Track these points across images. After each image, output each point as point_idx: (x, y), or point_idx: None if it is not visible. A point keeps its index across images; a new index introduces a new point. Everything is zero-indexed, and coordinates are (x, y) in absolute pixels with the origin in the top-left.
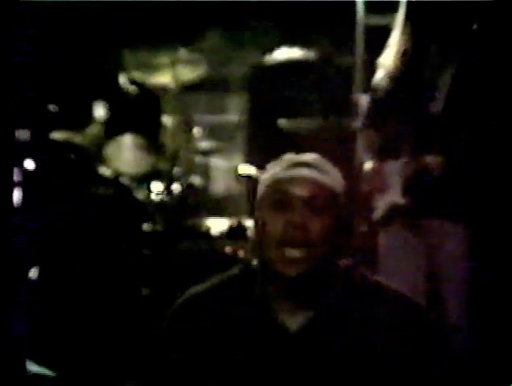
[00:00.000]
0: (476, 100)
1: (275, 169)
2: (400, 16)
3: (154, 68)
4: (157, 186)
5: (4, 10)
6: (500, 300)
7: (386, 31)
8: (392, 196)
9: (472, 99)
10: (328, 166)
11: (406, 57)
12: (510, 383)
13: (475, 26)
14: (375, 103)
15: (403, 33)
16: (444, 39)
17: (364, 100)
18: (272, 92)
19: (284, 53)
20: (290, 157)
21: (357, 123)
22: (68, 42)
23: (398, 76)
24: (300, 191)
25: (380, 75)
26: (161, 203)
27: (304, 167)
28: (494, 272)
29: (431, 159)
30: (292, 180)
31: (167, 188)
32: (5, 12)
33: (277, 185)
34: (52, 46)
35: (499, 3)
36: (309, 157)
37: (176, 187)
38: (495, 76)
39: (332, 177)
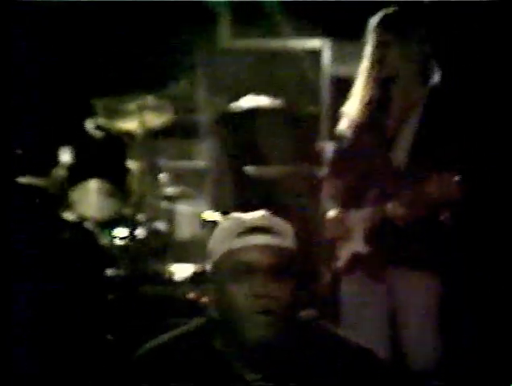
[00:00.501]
0: (438, 150)
1: (227, 235)
2: (364, 65)
3: (121, 114)
4: (121, 232)
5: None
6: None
7: (351, 80)
8: (355, 245)
9: (434, 148)
10: (279, 224)
11: (370, 106)
12: (510, 383)
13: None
14: (339, 151)
15: (367, 82)
16: (407, 89)
17: (329, 148)
18: (239, 139)
19: (251, 101)
20: (238, 218)
21: (322, 171)
22: (34, 85)
23: (362, 125)
24: (259, 261)
25: (344, 124)
26: (125, 248)
27: (258, 233)
28: (462, 318)
29: (394, 208)
30: (249, 250)
31: (132, 233)
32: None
33: (233, 255)
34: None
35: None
36: (259, 218)
37: (140, 233)
38: (455, 127)
39: (285, 235)
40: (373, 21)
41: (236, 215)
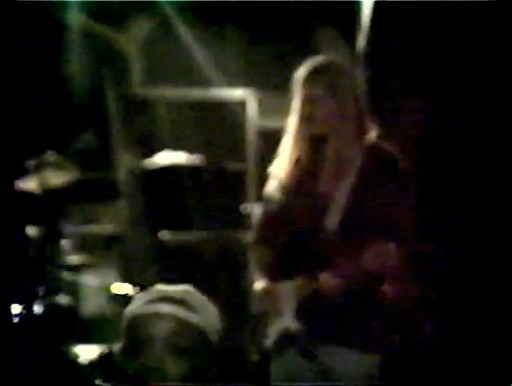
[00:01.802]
0: (370, 213)
1: (137, 303)
2: (292, 121)
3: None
4: (16, 308)
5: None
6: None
7: (280, 133)
8: (285, 320)
9: (367, 211)
10: (200, 300)
11: (299, 167)
12: (510, 383)
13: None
14: (267, 215)
15: (296, 140)
16: (340, 148)
17: (256, 210)
18: (153, 200)
19: (167, 157)
20: (159, 288)
21: (249, 236)
22: None
23: (291, 188)
24: (158, 330)
25: (272, 186)
26: (21, 326)
27: (168, 302)
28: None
29: (327, 279)
30: (150, 317)
31: (29, 309)
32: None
33: (135, 321)
34: None
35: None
36: (179, 290)
37: (39, 308)
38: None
39: (200, 312)
40: (300, 73)
41: (160, 286)
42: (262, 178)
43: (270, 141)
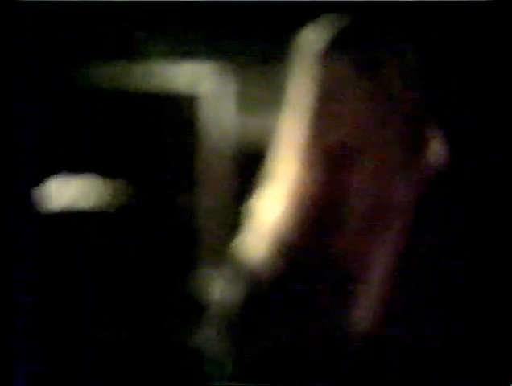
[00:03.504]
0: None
1: None
2: (290, 127)
3: None
4: None
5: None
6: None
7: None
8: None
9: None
10: None
11: (308, 205)
12: (510, 383)
13: None
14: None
15: (303, 160)
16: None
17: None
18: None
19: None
20: None
21: None
22: None
23: (293, 245)
24: None
25: (256, 240)
26: None
27: None
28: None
29: None
30: None
31: None
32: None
33: None
34: None
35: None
36: None
37: None
38: None
39: None
40: (312, 40)
41: None
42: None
43: (248, 156)
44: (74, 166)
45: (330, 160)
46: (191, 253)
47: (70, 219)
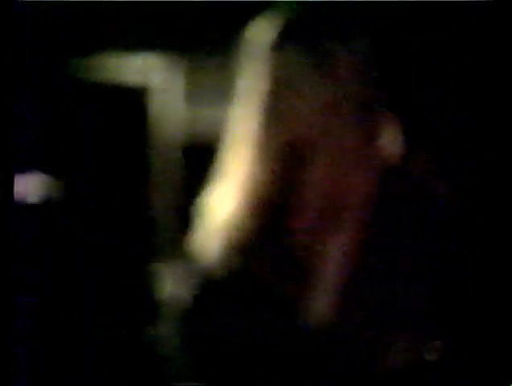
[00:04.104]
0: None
1: None
2: (243, 120)
3: None
4: None
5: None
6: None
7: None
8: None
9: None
10: None
11: (260, 199)
12: (510, 383)
13: None
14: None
15: (256, 155)
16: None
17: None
18: None
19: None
20: None
21: None
22: None
23: (247, 237)
24: None
25: (208, 237)
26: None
27: None
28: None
29: None
30: None
31: None
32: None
33: None
34: None
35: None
36: None
37: None
38: None
39: None
40: (260, 32)
41: None
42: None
43: (198, 148)
44: (26, 161)
45: (283, 155)
46: (143, 248)
47: (25, 214)
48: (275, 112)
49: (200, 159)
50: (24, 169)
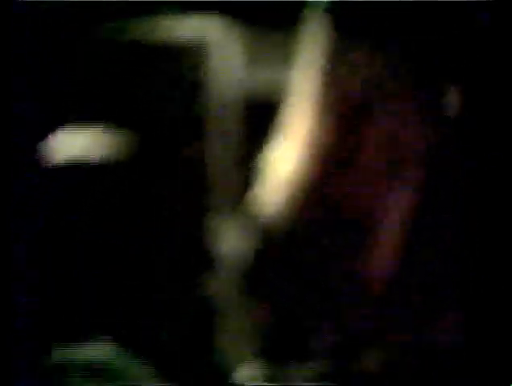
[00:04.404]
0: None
1: None
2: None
3: None
4: None
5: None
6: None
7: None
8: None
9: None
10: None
11: (324, 155)
12: (510, 383)
13: None
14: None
15: (316, 114)
16: None
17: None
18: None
19: (66, 144)
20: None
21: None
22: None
23: (310, 191)
24: None
25: (272, 191)
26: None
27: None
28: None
29: None
30: None
31: None
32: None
33: None
34: None
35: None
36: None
37: None
38: None
39: None
40: None
41: None
42: (247, 174)
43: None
44: (82, 117)
45: (344, 111)
46: (203, 205)
47: (77, 171)
48: (336, 73)
49: (261, 116)
50: (83, 123)
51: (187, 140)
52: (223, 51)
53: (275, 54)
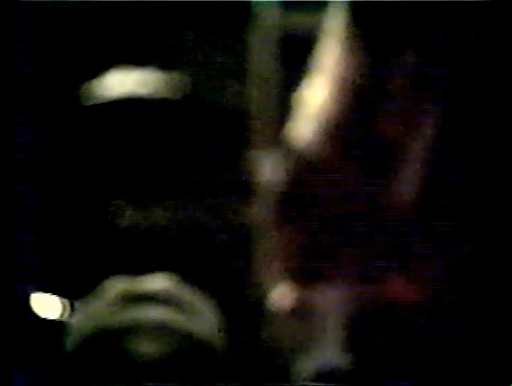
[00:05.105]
0: None
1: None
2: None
3: None
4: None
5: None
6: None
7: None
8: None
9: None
10: (190, 300)
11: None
12: (510, 383)
13: None
14: (298, 177)
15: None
16: None
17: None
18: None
19: (117, 82)
20: (126, 285)
21: (258, 209)
22: None
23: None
24: (145, 348)
25: (305, 126)
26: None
27: (150, 304)
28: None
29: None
30: (132, 331)
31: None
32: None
33: (106, 338)
34: None
35: None
36: (157, 284)
37: None
38: None
39: (196, 317)
40: None
41: (124, 282)
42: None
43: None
44: (132, 59)
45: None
46: (242, 138)
47: (128, 109)
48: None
49: (298, 53)
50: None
51: (229, 80)
52: None
53: None
